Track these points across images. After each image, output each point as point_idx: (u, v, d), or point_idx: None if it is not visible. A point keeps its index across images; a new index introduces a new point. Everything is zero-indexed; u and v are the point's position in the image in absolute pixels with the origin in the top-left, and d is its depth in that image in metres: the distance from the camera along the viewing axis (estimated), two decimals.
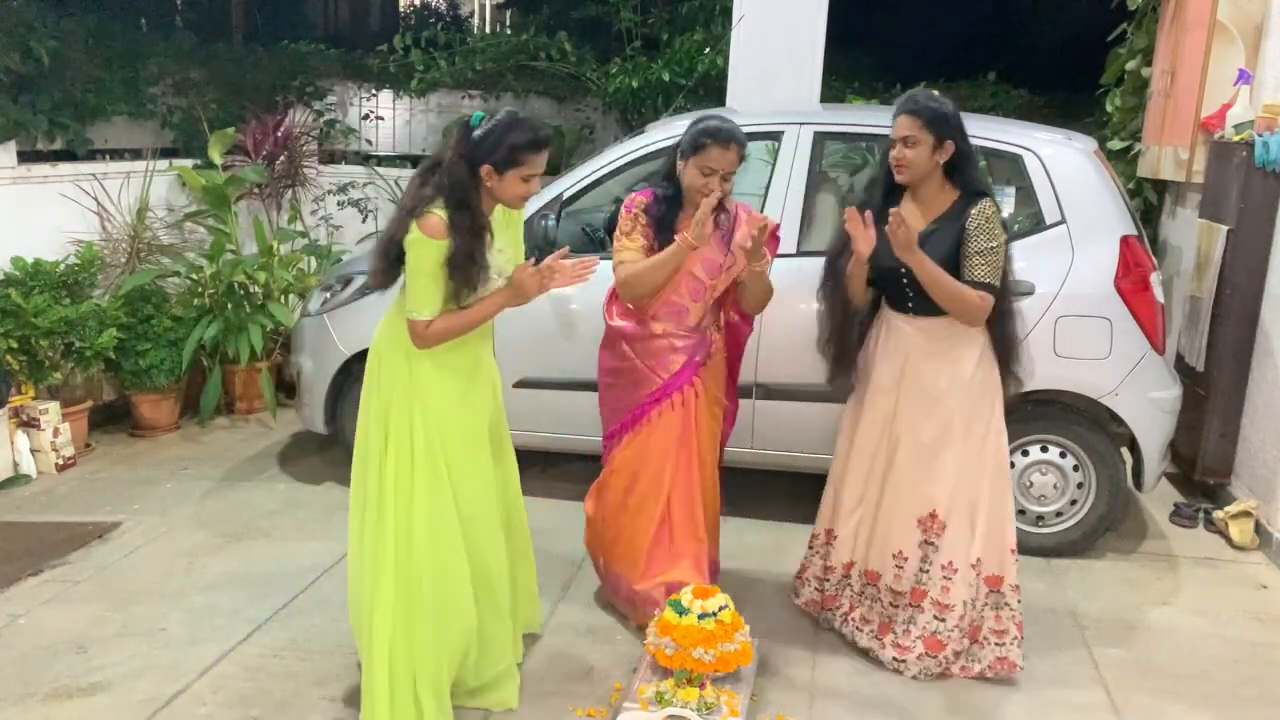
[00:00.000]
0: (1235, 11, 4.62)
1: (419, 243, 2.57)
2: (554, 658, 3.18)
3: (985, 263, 2.85)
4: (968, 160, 2.92)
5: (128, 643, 3.21)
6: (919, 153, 2.88)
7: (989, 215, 2.86)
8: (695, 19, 7.61)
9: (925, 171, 2.92)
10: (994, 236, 2.85)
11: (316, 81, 7.58)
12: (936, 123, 2.86)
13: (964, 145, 2.90)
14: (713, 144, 3.02)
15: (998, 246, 2.86)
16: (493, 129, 2.59)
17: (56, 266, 4.85)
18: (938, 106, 2.89)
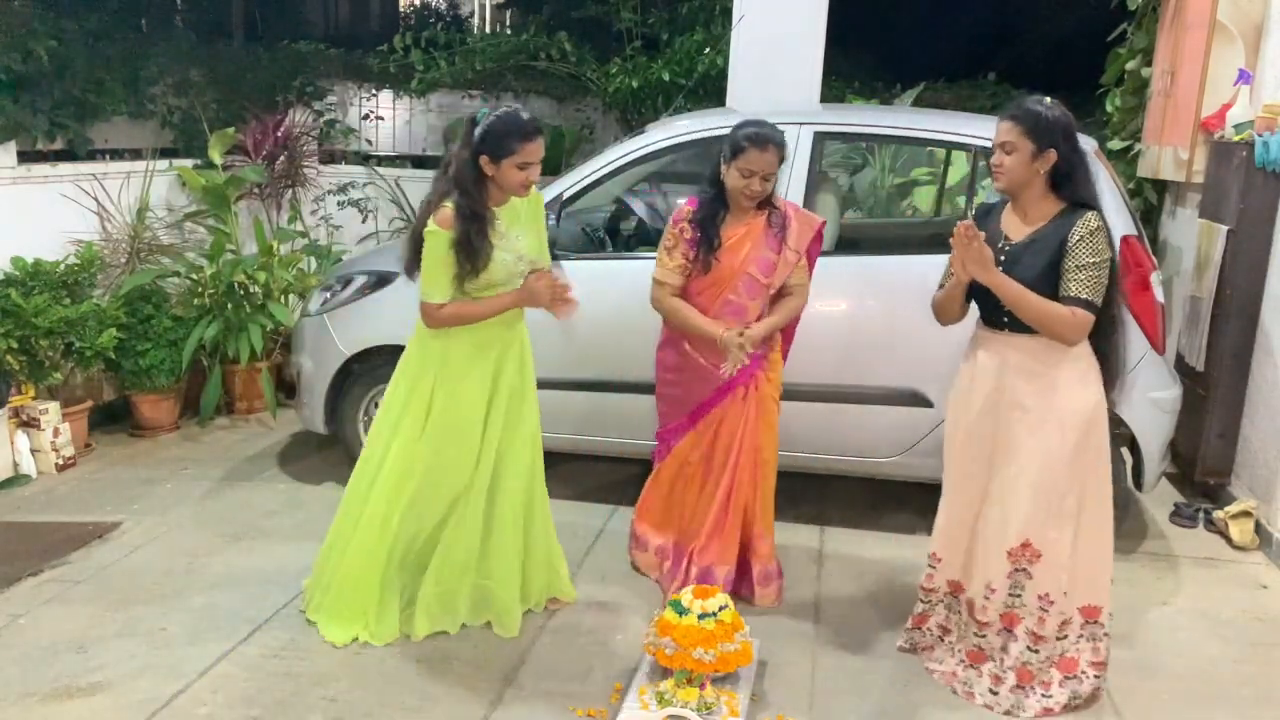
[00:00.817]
0: (1235, 11, 4.62)
1: (431, 233, 2.93)
2: (554, 658, 3.18)
3: (1085, 279, 2.69)
4: (1075, 170, 2.75)
5: (128, 643, 3.21)
6: (1016, 160, 2.74)
7: (1093, 229, 2.70)
8: (695, 19, 7.61)
9: (1023, 179, 2.77)
10: (1097, 252, 2.69)
11: (316, 81, 7.59)
12: (1038, 130, 2.71)
13: (1071, 154, 2.73)
14: (751, 147, 3.16)
15: (1100, 263, 2.70)
16: (490, 122, 2.91)
17: (56, 266, 4.86)
18: (1042, 112, 2.74)
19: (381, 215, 7.09)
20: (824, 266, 3.57)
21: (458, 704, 2.91)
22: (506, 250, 3.03)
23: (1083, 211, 2.73)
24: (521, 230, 3.08)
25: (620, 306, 4.18)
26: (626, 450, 4.28)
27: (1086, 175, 2.77)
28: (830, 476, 4.29)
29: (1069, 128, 2.74)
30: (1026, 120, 2.73)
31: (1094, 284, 2.70)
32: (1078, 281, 2.70)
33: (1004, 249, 2.83)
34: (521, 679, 3.04)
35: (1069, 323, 2.71)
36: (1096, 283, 2.70)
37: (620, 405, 4.14)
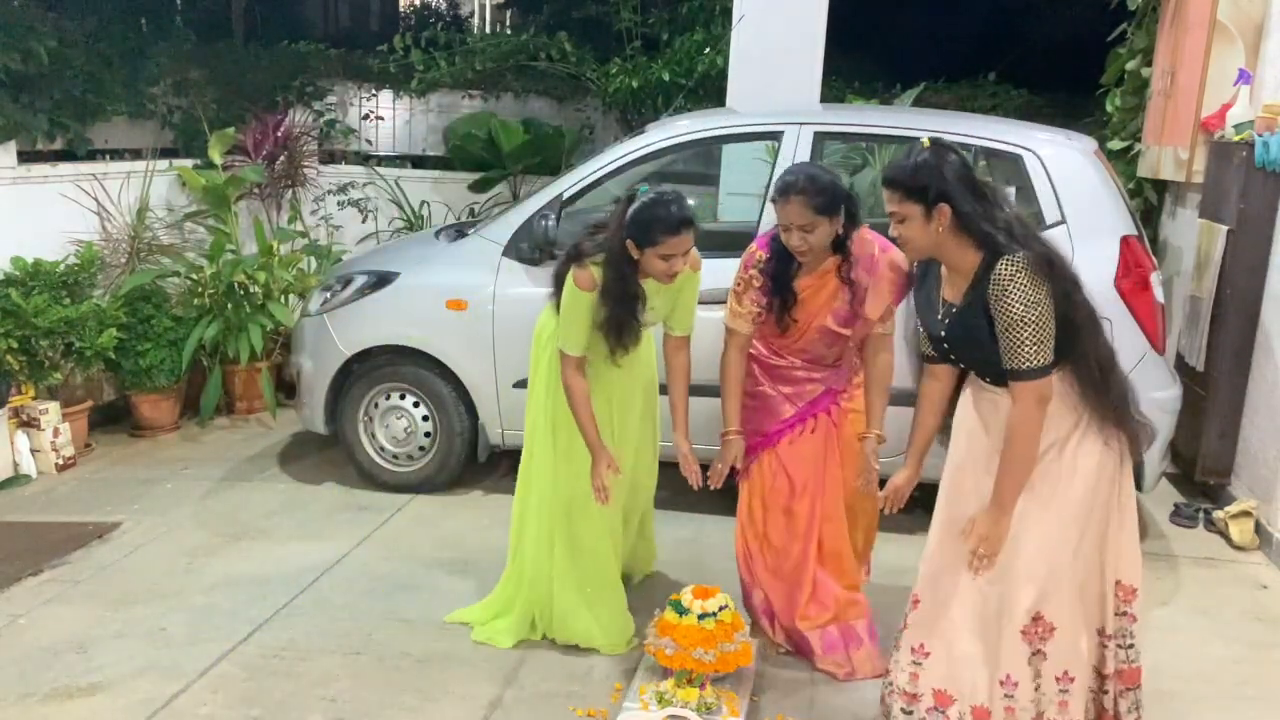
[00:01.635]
0: (1235, 11, 4.62)
1: (570, 290, 2.97)
2: (554, 658, 3.18)
3: (1013, 341, 2.25)
4: (972, 214, 2.30)
5: (128, 643, 3.21)
6: (911, 229, 2.37)
7: (1008, 277, 2.23)
8: (695, 19, 7.61)
9: (929, 246, 2.38)
10: (1025, 301, 2.22)
11: (316, 81, 7.58)
12: (915, 188, 2.33)
13: (964, 196, 2.31)
14: (778, 198, 2.86)
15: (1028, 314, 2.23)
16: (638, 209, 2.87)
17: (56, 266, 4.86)
18: (912, 165, 2.35)
19: (381, 215, 7.09)
20: None
21: (458, 704, 2.91)
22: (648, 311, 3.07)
23: (995, 259, 2.26)
24: (658, 302, 3.07)
25: None
26: None
27: (989, 212, 2.31)
28: None
29: (950, 167, 2.32)
30: (901, 182, 2.36)
31: (1030, 342, 2.24)
32: (1007, 348, 2.27)
33: (944, 316, 2.44)
34: (521, 679, 3.05)
35: (1023, 408, 2.29)
36: (1034, 339, 2.24)
37: None
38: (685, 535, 4.10)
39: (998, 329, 2.28)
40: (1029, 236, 2.33)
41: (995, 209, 2.32)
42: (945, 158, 2.34)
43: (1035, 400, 2.29)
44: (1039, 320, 2.25)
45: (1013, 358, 2.27)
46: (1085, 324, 2.33)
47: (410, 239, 5.76)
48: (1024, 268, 2.24)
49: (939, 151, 2.35)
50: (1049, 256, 2.29)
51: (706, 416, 4.01)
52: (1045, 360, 2.26)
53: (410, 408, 4.40)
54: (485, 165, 7.33)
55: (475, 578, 3.70)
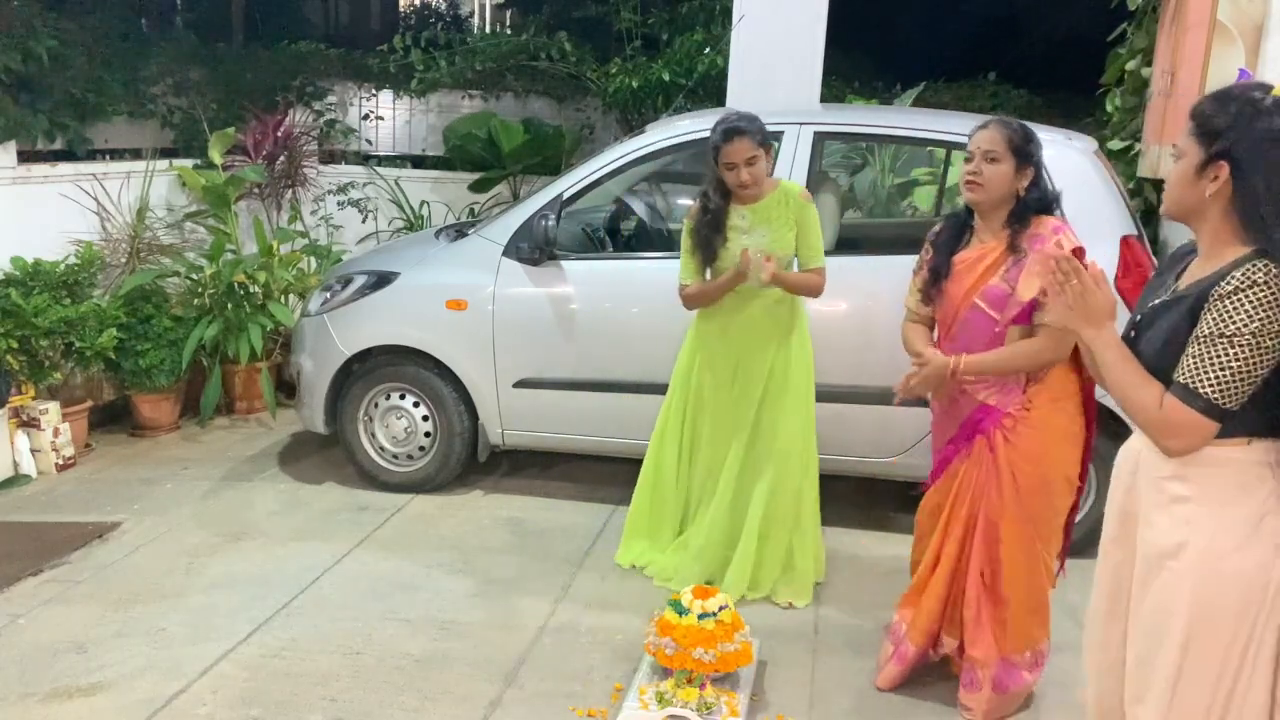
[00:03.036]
0: (1235, 11, 4.62)
1: (684, 223, 3.47)
2: (554, 658, 3.18)
3: (1209, 357, 1.73)
4: (1258, 197, 1.74)
5: (128, 643, 3.21)
6: (1177, 172, 1.84)
7: (1251, 282, 1.70)
8: (695, 19, 7.61)
9: (1187, 204, 1.84)
10: (1248, 314, 1.69)
11: (316, 81, 7.59)
12: (1205, 132, 1.80)
13: (1250, 174, 1.75)
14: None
15: (1244, 329, 1.70)
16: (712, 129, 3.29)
17: (56, 266, 4.86)
18: (1214, 106, 1.81)
19: (381, 215, 7.09)
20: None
21: (458, 704, 2.91)
22: (741, 242, 3.32)
23: (1258, 261, 1.71)
24: (767, 228, 3.33)
25: (620, 306, 4.19)
26: (625, 450, 4.28)
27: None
28: (830, 476, 4.29)
29: (1261, 130, 1.74)
30: (1197, 113, 1.82)
31: (1227, 366, 1.70)
32: (1193, 360, 1.74)
33: (1158, 303, 1.90)
34: (521, 679, 3.05)
35: (1148, 418, 1.79)
36: (1237, 364, 1.70)
37: (620, 405, 4.14)
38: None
39: (1195, 334, 1.74)
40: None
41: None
42: (1262, 117, 1.72)
43: (1168, 432, 1.76)
44: (1255, 347, 1.68)
45: (1193, 373, 1.73)
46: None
47: (410, 239, 5.76)
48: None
49: (1257, 106, 1.73)
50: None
51: None
52: (1228, 399, 1.70)
53: (410, 408, 4.40)
54: (485, 165, 7.34)
55: (475, 578, 3.70)
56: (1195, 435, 1.75)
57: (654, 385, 4.07)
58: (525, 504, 4.41)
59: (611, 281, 4.22)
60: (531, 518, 4.27)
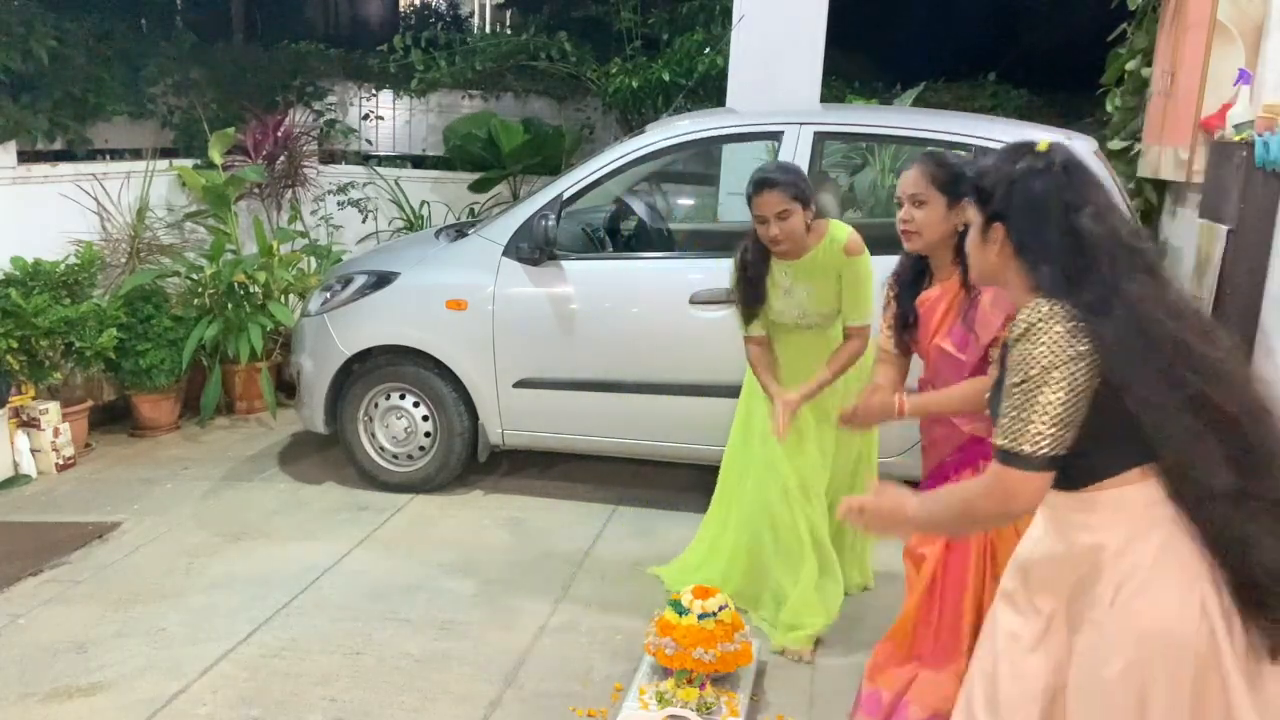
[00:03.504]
0: (1235, 11, 4.62)
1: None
2: (554, 658, 3.18)
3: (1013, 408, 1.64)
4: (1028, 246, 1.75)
5: (128, 643, 3.21)
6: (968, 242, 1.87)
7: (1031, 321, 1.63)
8: (695, 19, 7.61)
9: (984, 271, 1.85)
10: (1024, 361, 1.62)
11: (316, 81, 7.58)
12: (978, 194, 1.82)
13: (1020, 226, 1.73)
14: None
15: (1021, 381, 1.63)
16: None
17: (56, 266, 4.85)
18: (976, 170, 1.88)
19: (381, 215, 7.09)
20: None
21: (458, 704, 2.91)
22: (782, 299, 3.17)
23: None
24: (810, 284, 3.13)
25: (620, 306, 4.19)
26: (625, 450, 4.28)
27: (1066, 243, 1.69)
28: None
29: (1026, 185, 1.73)
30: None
31: (1027, 416, 1.61)
32: (1005, 417, 1.66)
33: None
34: (521, 679, 3.05)
35: (986, 496, 1.70)
36: (1033, 410, 1.61)
37: (620, 405, 4.14)
38: (685, 535, 4.09)
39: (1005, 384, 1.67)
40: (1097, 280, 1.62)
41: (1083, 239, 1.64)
42: (1019, 169, 1.72)
43: (1004, 496, 1.65)
44: (1049, 384, 1.59)
45: (1005, 429, 1.64)
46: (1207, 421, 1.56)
47: (410, 239, 5.76)
48: (1060, 316, 1.60)
49: (1015, 160, 1.74)
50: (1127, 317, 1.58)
51: (706, 415, 4.02)
52: (1040, 445, 1.60)
53: (410, 408, 4.40)
54: (485, 165, 7.33)
55: (475, 577, 3.70)
56: (1023, 490, 1.63)
57: (654, 385, 4.08)
58: (525, 504, 4.41)
59: (611, 281, 4.22)
60: (531, 518, 4.27)
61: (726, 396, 3.99)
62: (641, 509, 4.35)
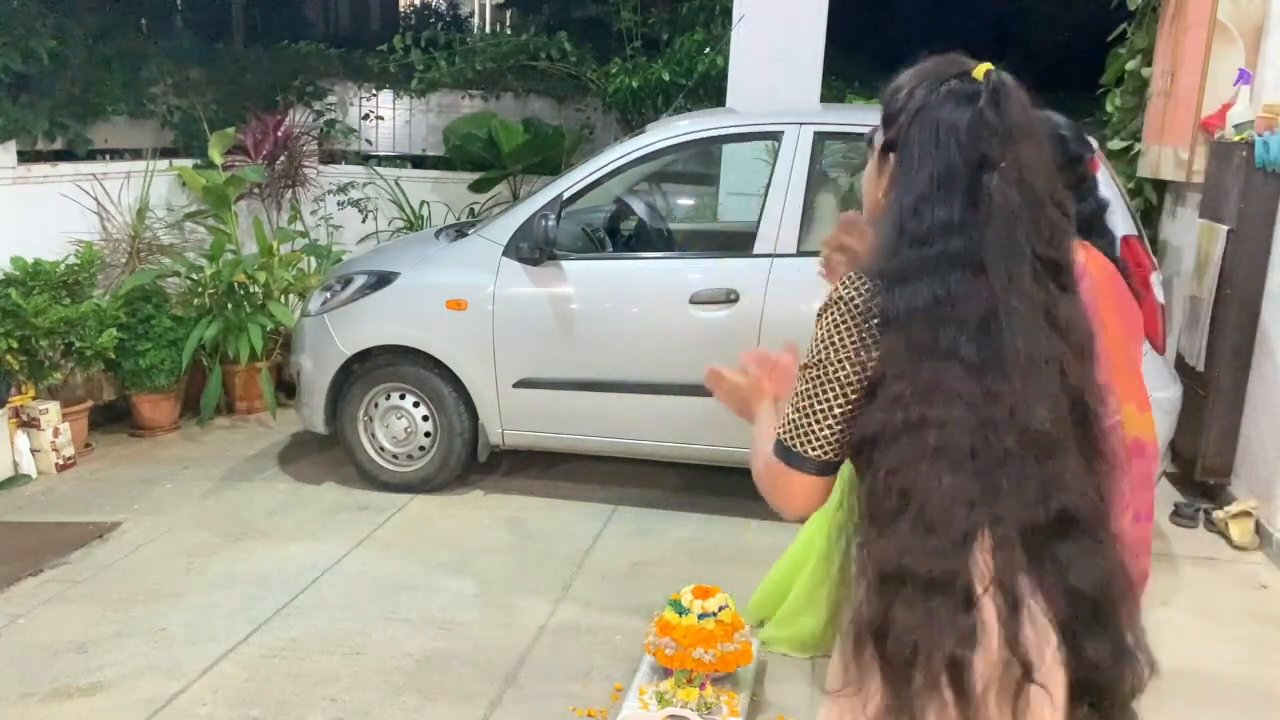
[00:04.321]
0: (1235, 11, 4.62)
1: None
2: (554, 658, 3.18)
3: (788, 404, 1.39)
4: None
5: (128, 643, 3.21)
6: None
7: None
8: (695, 19, 7.61)
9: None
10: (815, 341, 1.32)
11: (316, 81, 7.59)
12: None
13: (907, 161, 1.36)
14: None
15: (809, 365, 1.33)
16: None
17: (56, 266, 4.85)
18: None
19: (381, 215, 7.09)
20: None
21: (458, 704, 2.91)
22: None
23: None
24: None
25: (620, 306, 4.19)
26: (625, 451, 4.28)
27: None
28: None
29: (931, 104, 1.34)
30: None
31: (795, 407, 1.32)
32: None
33: None
34: (521, 679, 3.05)
35: (768, 486, 1.41)
36: (800, 404, 1.31)
37: (620, 405, 4.14)
38: (685, 535, 4.10)
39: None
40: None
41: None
42: (934, 94, 1.32)
43: (772, 492, 1.39)
44: (822, 380, 1.29)
45: (784, 417, 1.35)
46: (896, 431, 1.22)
47: (410, 239, 5.76)
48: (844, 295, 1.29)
49: (942, 80, 1.33)
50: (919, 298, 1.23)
51: (706, 415, 4.01)
52: (808, 445, 1.31)
53: (410, 408, 4.40)
54: (485, 165, 7.33)
55: (475, 578, 3.70)
56: (795, 492, 1.35)
57: (654, 385, 4.08)
58: (525, 504, 4.41)
59: (611, 281, 4.22)
60: (531, 518, 4.27)
61: None
62: (641, 509, 4.35)
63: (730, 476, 4.39)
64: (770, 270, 3.93)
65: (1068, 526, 1.23)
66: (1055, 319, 1.26)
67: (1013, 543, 1.21)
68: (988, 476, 1.20)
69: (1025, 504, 1.21)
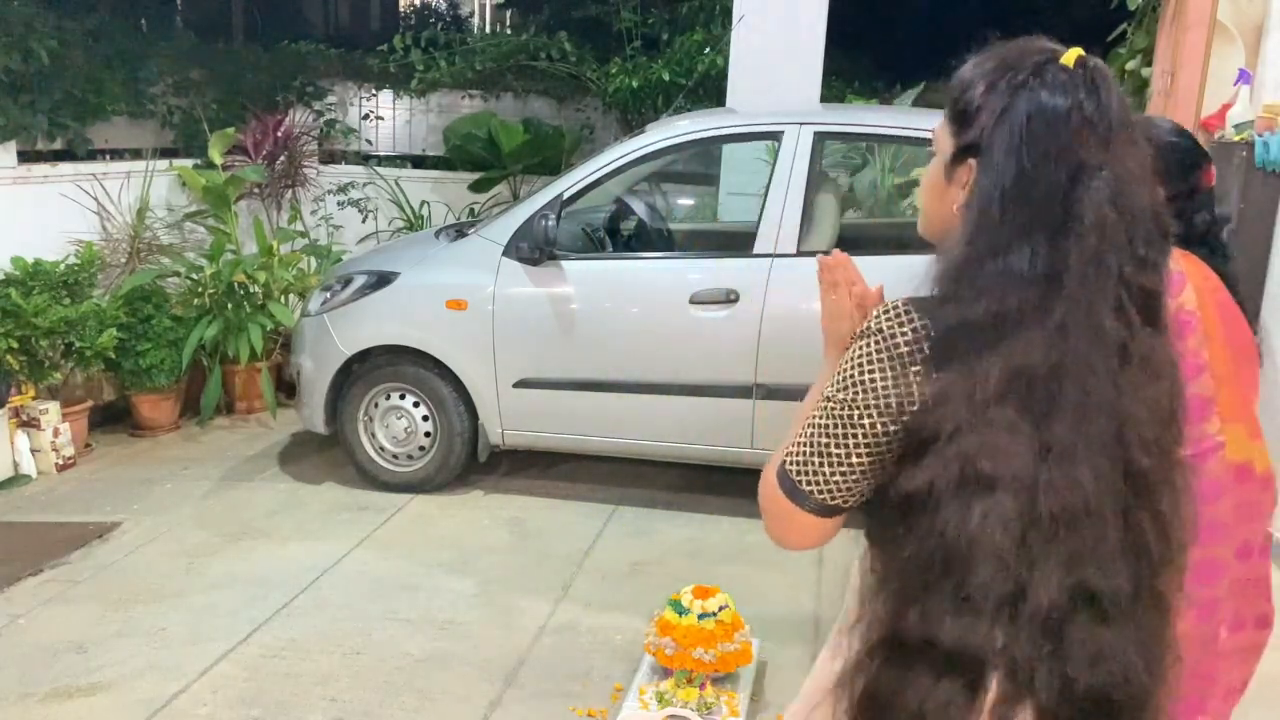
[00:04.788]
0: (1235, 11, 4.62)
1: None
2: (554, 658, 3.18)
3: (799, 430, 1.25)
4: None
5: (128, 643, 3.21)
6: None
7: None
8: (695, 19, 7.61)
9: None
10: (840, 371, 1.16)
11: (316, 81, 7.59)
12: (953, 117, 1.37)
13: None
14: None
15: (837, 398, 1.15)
16: None
17: (56, 266, 4.85)
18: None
19: (381, 215, 7.09)
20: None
21: (458, 704, 2.91)
22: None
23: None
24: None
25: (620, 306, 4.19)
26: (625, 450, 4.28)
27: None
28: None
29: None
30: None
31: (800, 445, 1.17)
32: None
33: None
34: (521, 679, 3.05)
35: (767, 518, 1.23)
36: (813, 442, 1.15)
37: (620, 405, 4.14)
38: (685, 535, 4.10)
39: None
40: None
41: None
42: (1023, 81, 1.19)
43: (764, 512, 1.22)
44: (844, 420, 1.12)
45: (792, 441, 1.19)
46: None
47: (410, 239, 5.76)
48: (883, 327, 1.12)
49: (1029, 68, 1.22)
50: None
51: (706, 415, 4.02)
52: (814, 486, 1.15)
53: (410, 408, 4.40)
54: (485, 165, 7.34)
55: (475, 577, 3.70)
56: (792, 527, 1.18)
57: (654, 385, 4.08)
58: (525, 504, 4.41)
59: (611, 281, 4.22)
60: (531, 518, 4.27)
61: (726, 396, 4.00)
62: (641, 509, 4.35)
63: (730, 476, 4.39)
64: (770, 270, 3.93)
65: (1083, 605, 1.06)
66: (1129, 357, 1.05)
67: (1027, 621, 1.05)
68: (1024, 545, 1.04)
69: (1045, 577, 1.04)
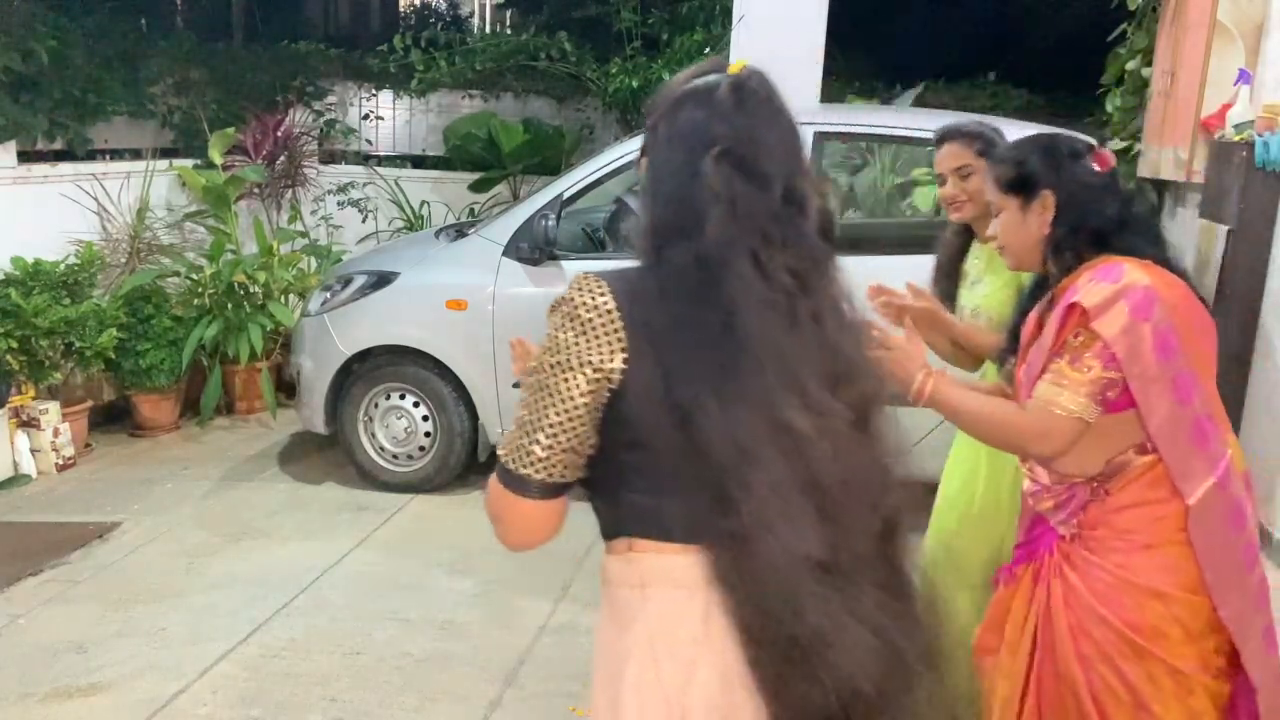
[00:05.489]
0: (1235, 11, 4.62)
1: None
2: (554, 658, 3.18)
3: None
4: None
5: (128, 643, 3.21)
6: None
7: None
8: (695, 19, 7.61)
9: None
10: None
11: (316, 81, 7.59)
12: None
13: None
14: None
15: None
16: None
17: (56, 266, 4.85)
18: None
19: (381, 215, 7.09)
20: None
21: (458, 704, 2.91)
22: (964, 296, 2.53)
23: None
24: (990, 279, 2.44)
25: None
26: None
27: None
28: None
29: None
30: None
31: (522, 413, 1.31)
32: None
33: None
34: (521, 679, 3.05)
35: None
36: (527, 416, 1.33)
37: None
38: None
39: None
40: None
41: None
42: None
43: (504, 524, 1.33)
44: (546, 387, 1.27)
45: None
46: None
47: (410, 239, 5.76)
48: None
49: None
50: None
51: None
52: (522, 464, 1.26)
53: (410, 408, 4.40)
54: (485, 165, 7.34)
55: (475, 577, 3.70)
56: (515, 518, 1.29)
57: None
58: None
59: None
60: None
61: None
62: None
63: None
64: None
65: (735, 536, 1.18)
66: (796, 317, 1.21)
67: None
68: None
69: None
